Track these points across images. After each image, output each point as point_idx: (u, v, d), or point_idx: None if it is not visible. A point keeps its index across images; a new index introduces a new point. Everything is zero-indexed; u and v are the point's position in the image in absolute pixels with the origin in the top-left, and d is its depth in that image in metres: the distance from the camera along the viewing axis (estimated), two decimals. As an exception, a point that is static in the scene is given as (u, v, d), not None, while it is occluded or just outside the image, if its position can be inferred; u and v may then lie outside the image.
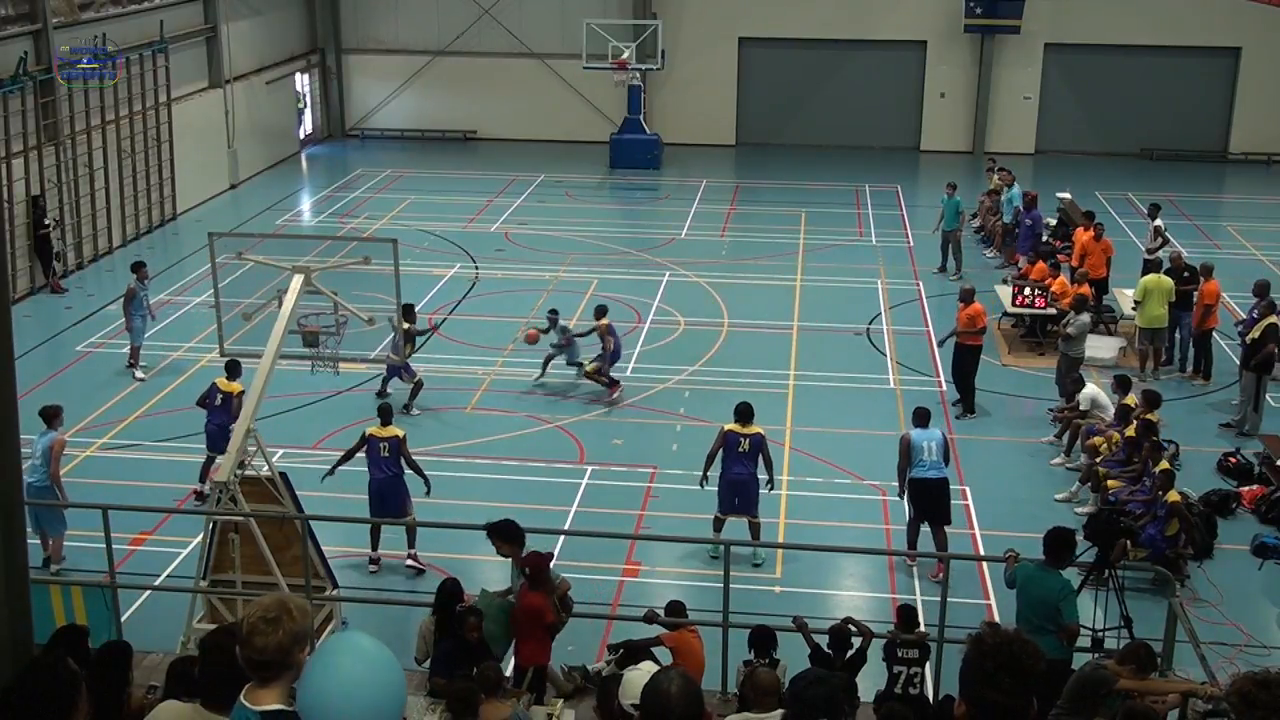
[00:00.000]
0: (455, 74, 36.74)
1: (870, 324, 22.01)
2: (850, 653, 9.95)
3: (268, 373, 12.13)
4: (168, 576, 13.72)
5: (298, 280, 12.60)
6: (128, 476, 16.01)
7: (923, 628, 10.80)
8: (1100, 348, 19.86)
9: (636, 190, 32.39)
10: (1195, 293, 19.13)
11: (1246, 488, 15.70)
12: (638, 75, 33.97)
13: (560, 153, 34.97)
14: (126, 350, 19.81)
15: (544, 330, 18.88)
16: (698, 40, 35.63)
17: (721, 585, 10.60)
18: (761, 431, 14.05)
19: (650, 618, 10.36)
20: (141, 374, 19.49)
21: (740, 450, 13.89)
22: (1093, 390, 16.81)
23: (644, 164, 33.60)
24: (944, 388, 19.04)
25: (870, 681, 10.24)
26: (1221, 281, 19.38)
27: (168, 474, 16.10)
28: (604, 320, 18.36)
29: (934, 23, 35.02)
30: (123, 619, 10.97)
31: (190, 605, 11.79)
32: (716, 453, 13.98)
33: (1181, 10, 33.82)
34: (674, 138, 35.26)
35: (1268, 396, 17.79)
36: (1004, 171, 26.58)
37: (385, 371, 18.33)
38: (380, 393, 18.28)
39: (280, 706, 4.21)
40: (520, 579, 10.01)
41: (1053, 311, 20.19)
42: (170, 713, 5.09)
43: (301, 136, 36.38)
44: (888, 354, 20.71)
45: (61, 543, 13.68)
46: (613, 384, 18.54)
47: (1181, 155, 34.78)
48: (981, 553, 14.20)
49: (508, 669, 10.33)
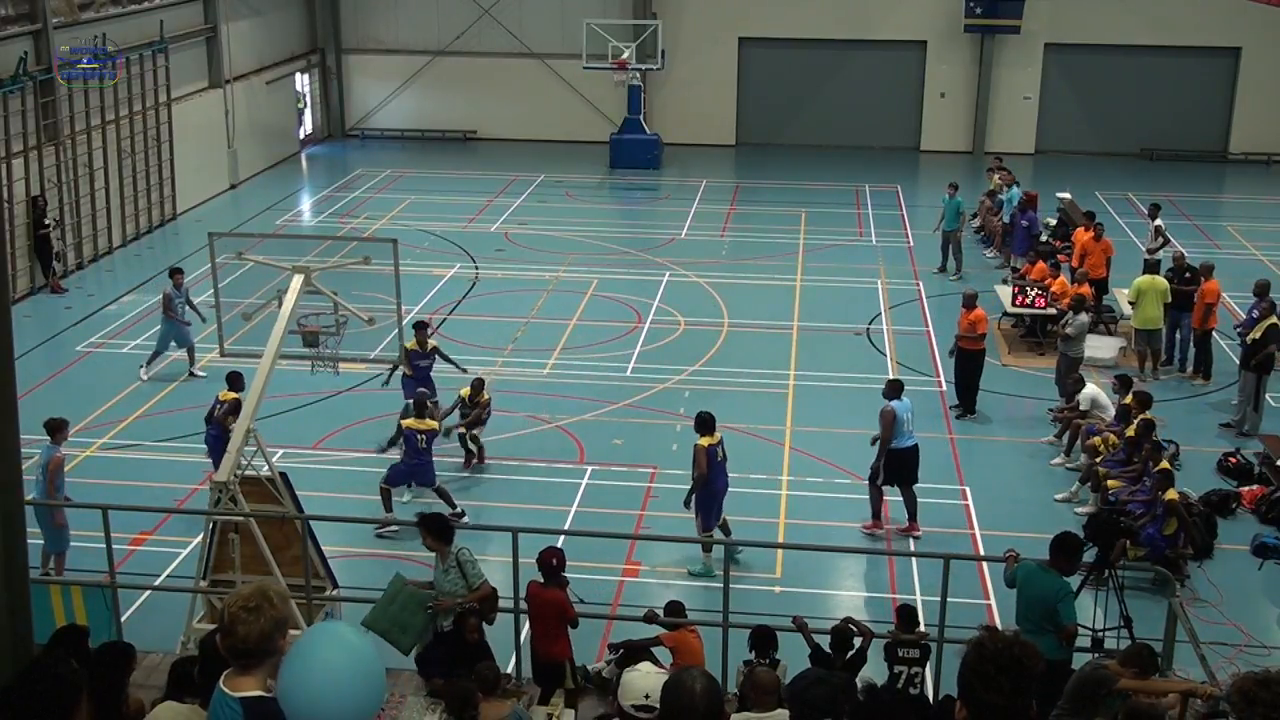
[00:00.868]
0: (455, 74, 36.73)
1: (870, 324, 22.01)
2: (850, 653, 9.95)
3: (268, 372, 12.13)
4: (168, 576, 13.71)
5: (298, 280, 12.61)
6: (128, 476, 16.01)
7: (923, 628, 10.80)
8: (1100, 348, 19.86)
9: (636, 190, 32.39)
10: (1195, 293, 19.14)
11: (1246, 488, 15.70)
12: (638, 75, 33.98)
13: (560, 153, 34.96)
14: (127, 350, 19.80)
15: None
16: (698, 40, 35.62)
17: (721, 585, 10.62)
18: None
19: (650, 618, 10.37)
20: (200, 371, 19.28)
21: (720, 460, 13.85)
22: (1093, 390, 16.81)
23: (644, 164, 33.59)
24: (944, 388, 19.05)
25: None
26: (1221, 281, 19.39)
27: (168, 474, 16.10)
28: (485, 395, 16.57)
29: (934, 23, 35.01)
30: (123, 619, 10.97)
31: (190, 605, 11.78)
32: (707, 472, 13.63)
33: (1181, 10, 33.81)
34: (674, 138, 35.25)
35: (1268, 396, 17.79)
36: (1004, 171, 26.57)
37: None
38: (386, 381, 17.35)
39: (259, 693, 4.22)
40: (447, 574, 10.14)
41: (1053, 311, 20.19)
42: (169, 713, 5.09)
43: (301, 136, 36.37)
44: (888, 354, 20.71)
45: (63, 561, 13.33)
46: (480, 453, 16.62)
47: (1181, 155, 34.78)
48: (981, 553, 14.20)
49: (506, 669, 10.33)
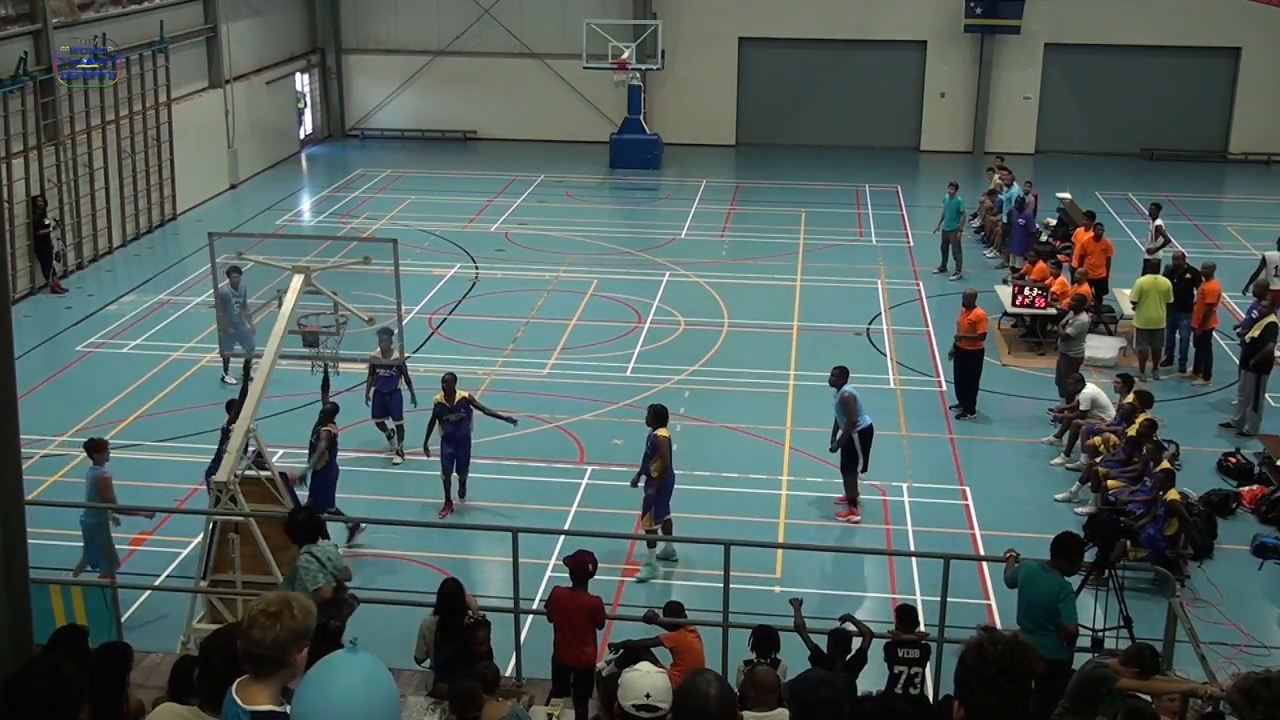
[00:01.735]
0: (455, 74, 36.72)
1: (870, 324, 22.00)
2: (850, 653, 9.94)
3: (268, 372, 12.13)
4: (168, 576, 13.71)
5: (298, 280, 12.62)
6: (128, 476, 15.97)
7: (923, 628, 10.80)
8: (1100, 348, 19.86)
9: (636, 190, 32.37)
10: (1196, 293, 19.13)
11: (1246, 488, 15.69)
12: (638, 75, 33.97)
13: (560, 153, 34.95)
14: (127, 350, 19.79)
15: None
16: (698, 40, 35.61)
17: (721, 585, 10.62)
18: None
19: (650, 618, 10.37)
20: (238, 378, 18.40)
21: (673, 452, 14.21)
22: (1093, 390, 16.81)
23: (644, 164, 33.58)
24: (944, 388, 19.04)
25: (870, 682, 10.22)
26: (1221, 281, 19.38)
27: (168, 474, 16.09)
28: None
29: (934, 23, 35.00)
30: (123, 619, 10.97)
31: (190, 605, 11.78)
32: (670, 464, 14.08)
33: (1181, 10, 33.80)
34: (674, 138, 35.24)
35: (1267, 396, 17.79)
36: (1004, 171, 26.57)
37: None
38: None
39: (271, 707, 4.17)
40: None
41: (1053, 311, 20.19)
42: (169, 714, 5.08)
43: (301, 136, 36.36)
44: (888, 354, 20.71)
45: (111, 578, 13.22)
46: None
47: (1181, 155, 34.77)
48: (981, 553, 14.20)
49: (506, 669, 10.32)
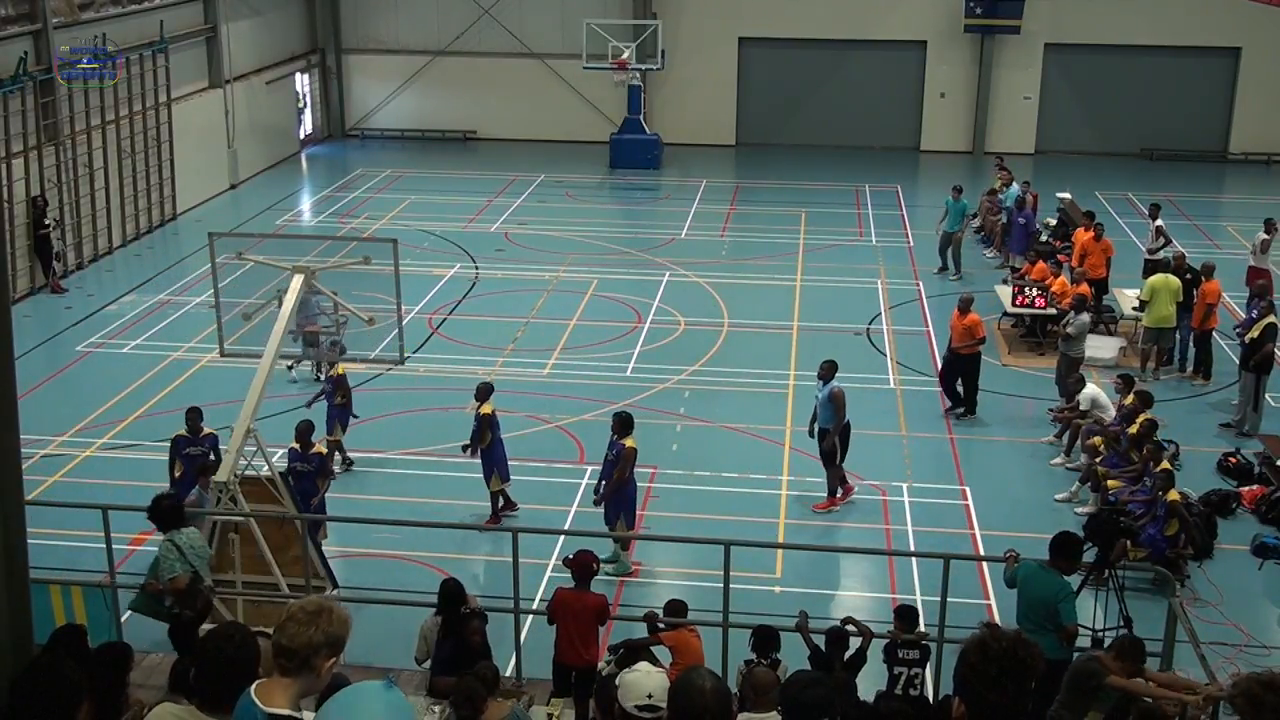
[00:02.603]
0: (455, 74, 36.72)
1: (870, 324, 22.00)
2: (850, 653, 9.94)
3: (267, 372, 12.14)
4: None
5: (298, 280, 12.62)
6: (128, 476, 15.98)
7: (923, 628, 10.80)
8: (1100, 348, 19.85)
9: (636, 190, 32.38)
10: (1196, 293, 19.13)
11: (1246, 488, 15.69)
12: (638, 75, 33.97)
13: (560, 153, 34.95)
14: (127, 350, 19.76)
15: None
16: (698, 40, 35.61)
17: (721, 585, 10.61)
18: None
19: (650, 618, 10.36)
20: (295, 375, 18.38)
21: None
22: (1093, 390, 16.80)
23: (644, 164, 33.58)
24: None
25: (870, 682, 10.23)
26: (1221, 281, 19.38)
27: (168, 474, 16.05)
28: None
29: (934, 23, 35.00)
30: (122, 619, 10.97)
31: (190, 605, 11.76)
32: (632, 475, 14.06)
33: (1181, 10, 33.80)
34: (674, 138, 35.24)
35: (1267, 396, 17.78)
36: (1004, 171, 26.58)
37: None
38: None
39: (290, 712, 4.16)
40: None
41: (1053, 311, 20.18)
42: (166, 714, 5.07)
43: (301, 136, 36.36)
44: (888, 354, 20.71)
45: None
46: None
47: (1181, 155, 34.77)
48: (981, 553, 14.20)
49: (506, 669, 10.32)
